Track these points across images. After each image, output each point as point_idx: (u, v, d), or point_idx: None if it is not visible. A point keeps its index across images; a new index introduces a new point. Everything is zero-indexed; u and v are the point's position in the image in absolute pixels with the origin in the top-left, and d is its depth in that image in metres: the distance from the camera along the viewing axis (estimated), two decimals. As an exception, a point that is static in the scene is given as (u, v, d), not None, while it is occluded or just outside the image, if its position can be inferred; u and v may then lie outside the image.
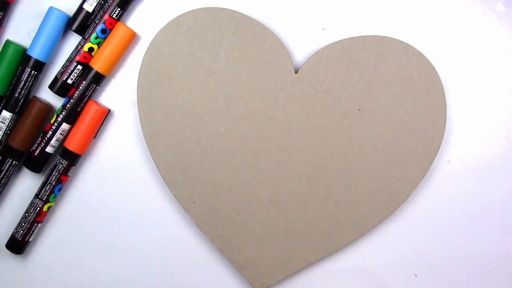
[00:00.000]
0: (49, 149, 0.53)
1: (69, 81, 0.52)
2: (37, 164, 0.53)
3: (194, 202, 0.53)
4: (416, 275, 0.55)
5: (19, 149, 0.53)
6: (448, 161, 0.54)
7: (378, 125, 0.52)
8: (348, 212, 0.53)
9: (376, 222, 0.53)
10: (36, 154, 0.53)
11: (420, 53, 0.52)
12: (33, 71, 0.52)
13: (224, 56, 0.52)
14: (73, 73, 0.52)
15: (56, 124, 0.52)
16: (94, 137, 0.54)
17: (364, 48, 0.52)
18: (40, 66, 0.52)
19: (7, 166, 0.53)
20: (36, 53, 0.52)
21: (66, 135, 0.53)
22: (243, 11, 0.52)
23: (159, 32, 0.52)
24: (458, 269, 0.55)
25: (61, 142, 0.53)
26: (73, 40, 0.54)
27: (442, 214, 0.54)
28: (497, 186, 0.54)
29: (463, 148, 0.54)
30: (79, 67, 0.52)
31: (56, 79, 0.52)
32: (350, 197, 0.53)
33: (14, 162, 0.53)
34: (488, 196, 0.54)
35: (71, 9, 0.53)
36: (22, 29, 0.53)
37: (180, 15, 0.52)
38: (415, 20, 0.53)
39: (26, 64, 0.52)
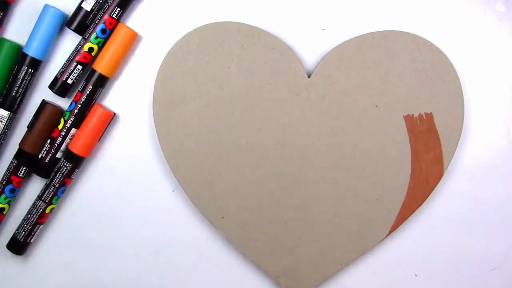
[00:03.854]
0: (58, 155, 0.53)
1: (69, 81, 0.52)
2: (48, 171, 0.53)
3: (223, 217, 0.53)
4: (416, 275, 0.55)
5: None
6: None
7: (397, 119, 0.52)
8: (377, 209, 0.53)
9: (407, 216, 0.53)
10: (47, 161, 0.53)
11: (430, 43, 0.51)
12: (29, 69, 0.52)
13: (236, 69, 0.52)
14: (73, 73, 0.52)
15: (65, 130, 0.52)
16: (99, 140, 0.54)
17: (374, 44, 0.52)
18: (36, 64, 0.52)
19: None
20: (32, 51, 0.52)
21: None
22: (248, 22, 0.52)
23: (168, 52, 0.51)
24: (458, 269, 0.55)
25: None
26: (70, 38, 0.54)
27: (442, 214, 0.54)
28: (497, 186, 0.54)
29: (463, 148, 0.54)
30: (79, 67, 0.52)
31: (56, 79, 0.52)
32: (377, 194, 0.53)
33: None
34: (488, 196, 0.54)
35: (71, 9, 0.53)
36: (22, 29, 0.53)
37: (187, 34, 0.51)
38: (415, 20, 0.53)
39: (23, 62, 0.52)
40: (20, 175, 0.53)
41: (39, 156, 0.53)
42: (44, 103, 0.52)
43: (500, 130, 0.54)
